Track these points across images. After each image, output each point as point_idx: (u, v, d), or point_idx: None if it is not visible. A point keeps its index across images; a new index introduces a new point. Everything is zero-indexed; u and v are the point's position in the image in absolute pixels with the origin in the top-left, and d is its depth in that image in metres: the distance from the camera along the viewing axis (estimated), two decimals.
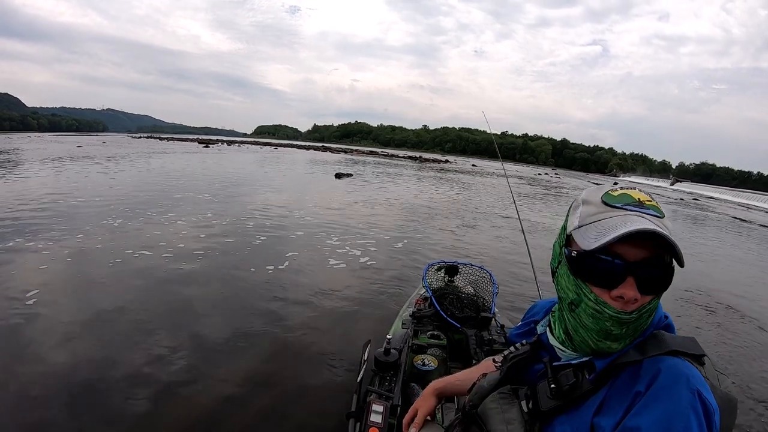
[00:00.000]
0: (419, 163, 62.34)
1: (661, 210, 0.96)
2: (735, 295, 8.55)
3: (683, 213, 29.83)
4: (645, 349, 0.94)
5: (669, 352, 0.92)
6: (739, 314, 7.28)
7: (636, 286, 0.92)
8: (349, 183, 22.75)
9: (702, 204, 44.07)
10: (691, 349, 0.94)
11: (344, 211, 13.21)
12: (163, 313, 5.12)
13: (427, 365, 2.82)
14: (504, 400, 1.14)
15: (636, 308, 0.94)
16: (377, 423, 1.96)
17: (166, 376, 3.84)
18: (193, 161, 29.81)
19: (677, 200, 45.14)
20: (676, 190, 73.22)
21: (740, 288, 9.35)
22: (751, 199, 61.81)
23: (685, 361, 0.91)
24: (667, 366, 0.89)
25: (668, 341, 0.95)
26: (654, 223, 0.91)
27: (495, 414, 1.12)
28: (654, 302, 0.96)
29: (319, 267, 7.46)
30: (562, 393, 1.00)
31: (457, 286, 3.86)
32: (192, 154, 37.95)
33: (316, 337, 4.83)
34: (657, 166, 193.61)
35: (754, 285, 10.10)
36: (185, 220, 9.94)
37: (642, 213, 0.94)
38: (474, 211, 16.45)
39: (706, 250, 14.31)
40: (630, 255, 0.92)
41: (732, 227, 24.06)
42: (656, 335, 0.97)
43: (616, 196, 0.99)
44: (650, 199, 0.98)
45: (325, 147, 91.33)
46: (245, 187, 17.14)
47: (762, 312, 7.57)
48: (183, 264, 6.86)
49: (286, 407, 3.58)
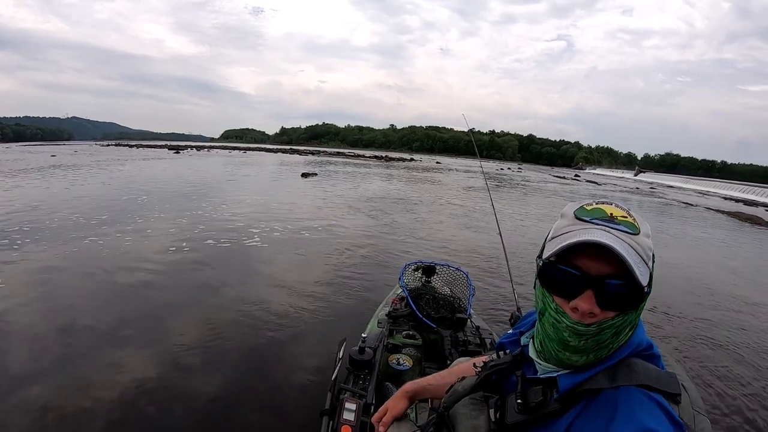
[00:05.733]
0: (385, 162, 63.11)
1: (637, 226, 0.94)
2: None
3: (634, 200, 32.91)
4: (615, 377, 0.92)
5: (639, 386, 0.90)
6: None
7: (595, 300, 0.92)
8: (317, 183, 23.23)
9: (657, 192, 46.19)
10: (666, 386, 0.91)
11: (313, 211, 13.45)
12: (134, 320, 5.11)
13: (401, 365, 2.85)
14: (474, 406, 1.15)
15: (595, 322, 0.93)
16: (350, 421, 2.00)
17: (137, 382, 3.84)
18: (169, 167, 29.67)
19: (634, 189, 47.31)
20: (638, 180, 76.34)
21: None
22: (710, 186, 64.07)
23: (651, 399, 0.88)
24: (628, 405, 0.87)
25: (640, 373, 0.92)
26: (620, 238, 0.90)
27: (464, 419, 1.14)
28: (618, 320, 0.93)
29: (291, 267, 7.55)
30: (528, 409, 1.00)
31: (433, 286, 3.84)
32: (165, 160, 37.74)
33: (291, 337, 4.90)
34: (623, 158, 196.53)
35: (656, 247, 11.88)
36: (164, 225, 10.04)
37: (608, 227, 0.93)
38: (434, 205, 17.60)
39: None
40: (592, 268, 0.92)
41: (671, 210, 26.53)
42: (630, 364, 0.95)
43: (589, 210, 0.99)
44: (626, 215, 0.97)
45: (293, 149, 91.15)
46: (220, 191, 17.25)
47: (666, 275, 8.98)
48: (155, 271, 6.88)
49: (260, 405, 3.65)
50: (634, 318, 0.96)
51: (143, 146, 70.15)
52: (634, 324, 0.97)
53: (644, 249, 0.93)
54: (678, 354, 5.33)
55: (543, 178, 52.66)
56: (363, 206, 15.49)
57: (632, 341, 0.98)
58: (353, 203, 16.15)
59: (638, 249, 0.91)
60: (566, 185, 43.48)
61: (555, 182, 47.25)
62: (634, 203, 29.78)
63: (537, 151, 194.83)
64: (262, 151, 74.09)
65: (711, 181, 74.79)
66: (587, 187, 42.83)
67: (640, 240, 0.93)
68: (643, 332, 1.01)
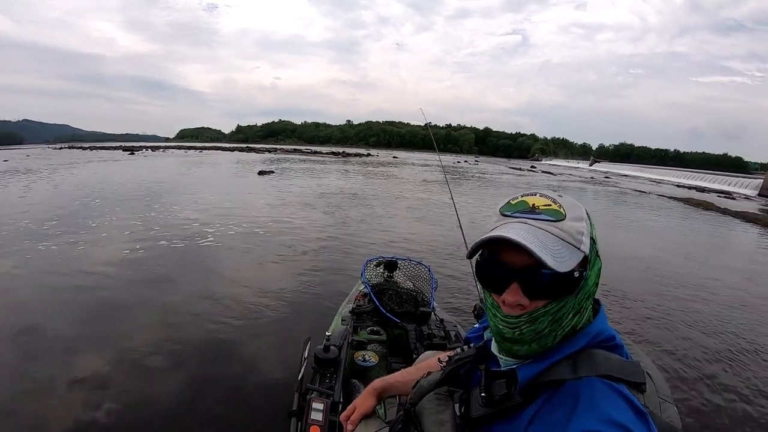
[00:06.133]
0: (342, 157, 63.07)
1: (562, 212, 0.95)
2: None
3: (590, 189, 33.97)
4: (577, 368, 0.92)
5: (601, 376, 0.89)
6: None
7: (521, 291, 0.94)
8: (274, 181, 23.14)
9: (611, 181, 47.48)
10: (629, 375, 0.91)
11: (271, 209, 13.38)
12: (89, 327, 5.00)
13: (367, 361, 2.85)
14: (440, 401, 1.15)
15: (525, 313, 0.95)
16: (318, 421, 2.00)
17: (92, 391, 3.75)
18: (123, 169, 28.86)
19: (589, 179, 48.23)
20: (593, 170, 78.20)
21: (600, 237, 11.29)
22: (664, 174, 66.27)
23: (613, 389, 0.87)
24: (589, 396, 0.86)
25: (602, 363, 0.92)
26: (538, 227, 0.93)
27: (429, 414, 1.14)
28: (552, 307, 0.94)
29: (250, 267, 7.48)
30: (493, 402, 1.00)
31: (396, 281, 3.85)
32: (120, 162, 36.58)
33: (253, 338, 4.84)
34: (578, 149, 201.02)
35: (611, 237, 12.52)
36: (117, 228, 9.86)
37: (527, 219, 0.95)
38: (392, 199, 17.83)
39: (591, 213, 16.89)
40: (516, 261, 0.93)
41: (626, 198, 27.49)
42: (591, 354, 0.94)
43: (513, 204, 1.01)
44: (550, 203, 0.97)
45: (250, 147, 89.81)
46: (176, 193, 16.75)
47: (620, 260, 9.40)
48: (110, 274, 6.75)
49: (227, 409, 3.59)
50: (574, 303, 0.96)
51: (97, 148, 68.24)
52: (578, 309, 0.97)
53: (570, 233, 0.93)
54: (635, 337, 5.48)
55: (499, 170, 53.48)
56: (321, 203, 15.46)
57: (590, 330, 0.99)
58: (311, 200, 16.10)
59: (561, 234, 0.93)
60: (522, 176, 44.06)
61: (511, 174, 47.95)
62: (589, 193, 30.56)
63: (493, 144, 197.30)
64: (219, 150, 73.08)
65: (664, 170, 77.00)
66: (542, 178, 43.55)
67: (564, 225, 0.94)
68: (604, 322, 1.02)
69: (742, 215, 21.14)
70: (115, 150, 60.88)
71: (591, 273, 0.97)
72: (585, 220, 0.97)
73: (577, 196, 24.30)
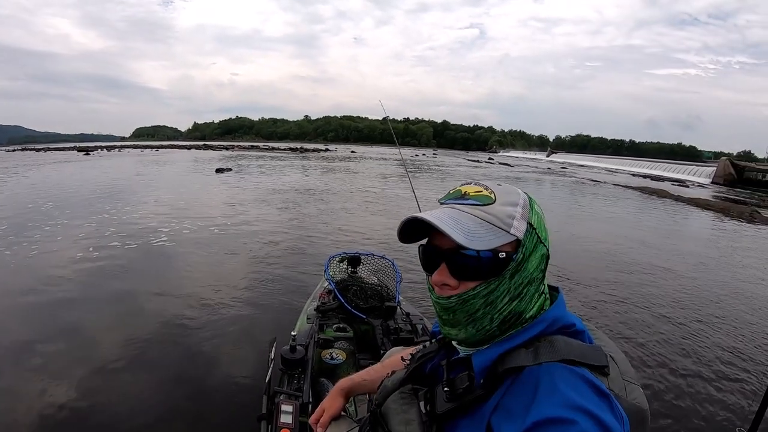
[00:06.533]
0: (300, 153, 63.11)
1: (492, 197, 0.96)
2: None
3: (547, 179, 34.87)
4: (537, 354, 0.91)
5: (562, 361, 0.88)
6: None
7: (449, 272, 0.96)
8: (231, 178, 22.98)
9: (568, 171, 48.56)
10: (591, 359, 0.91)
11: (229, 207, 13.27)
12: (44, 332, 4.85)
13: (335, 359, 2.83)
14: (404, 400, 1.14)
15: (454, 294, 0.96)
16: (288, 423, 1.98)
17: (57, 399, 3.63)
18: (78, 171, 27.92)
19: (546, 170, 49.24)
20: (550, 161, 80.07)
21: (557, 226, 11.54)
22: (619, 164, 68.41)
23: (574, 373, 0.86)
24: (550, 381, 0.85)
25: (562, 348, 0.91)
26: (463, 211, 0.95)
27: (395, 414, 1.12)
28: (481, 289, 0.95)
29: (209, 267, 7.36)
30: (456, 396, 0.99)
31: (360, 276, 3.83)
32: (74, 163, 35.44)
33: (217, 342, 4.73)
34: (536, 140, 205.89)
35: (566, 223, 12.81)
36: (71, 232, 9.57)
37: (455, 204, 0.99)
38: (351, 194, 17.93)
39: (547, 203, 18.17)
40: (443, 244, 0.96)
41: (582, 188, 28.36)
42: (552, 341, 0.93)
43: (451, 193, 1.04)
44: (481, 189, 0.99)
45: (207, 145, 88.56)
46: (131, 194, 16.30)
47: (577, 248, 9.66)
48: (63, 278, 6.57)
49: (195, 417, 3.52)
50: (509, 287, 0.96)
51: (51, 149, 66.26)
52: (516, 294, 0.97)
53: (498, 216, 0.94)
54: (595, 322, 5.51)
55: (457, 163, 54.26)
56: (280, 199, 15.38)
57: (546, 316, 0.98)
58: (270, 197, 16.00)
59: (486, 217, 0.94)
60: (479, 168, 44.82)
61: (468, 166, 48.70)
62: (546, 183, 31.25)
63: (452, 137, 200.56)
64: (175, 149, 71.91)
65: (620, 159, 79.28)
66: (499, 170, 44.39)
67: (492, 209, 0.95)
68: (562, 309, 1.01)
69: (694, 202, 21.94)
70: (70, 151, 59.17)
71: (532, 258, 0.97)
72: (520, 205, 0.97)
73: (534, 186, 25.49)
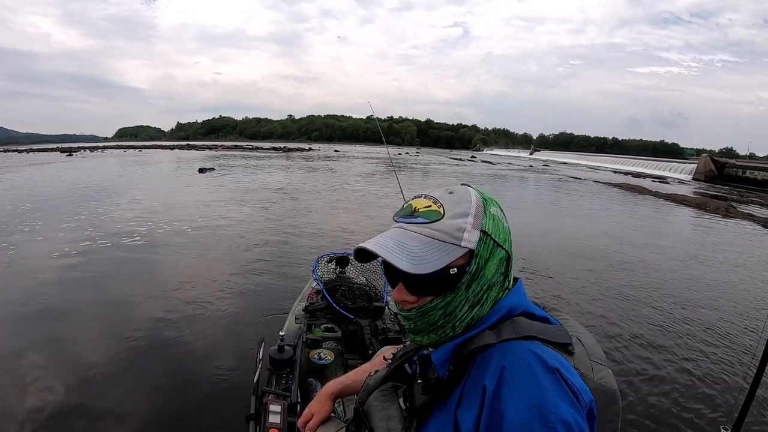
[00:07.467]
0: (284, 153, 62.93)
1: (440, 212, 0.97)
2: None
3: (529, 177, 35.48)
4: (500, 333, 0.94)
5: (524, 337, 0.91)
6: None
7: (406, 290, 1.00)
8: (215, 178, 22.85)
9: (550, 169, 48.93)
10: (554, 337, 0.94)
11: (213, 208, 13.20)
12: (24, 334, 4.82)
13: (323, 359, 2.84)
14: (385, 397, 1.18)
15: (414, 307, 1.00)
16: (276, 424, 1.99)
17: (45, 409, 3.56)
18: (60, 172, 27.28)
19: (528, 167, 49.57)
20: (533, 159, 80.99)
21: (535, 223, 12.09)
22: (602, 161, 68.75)
23: (539, 343, 0.90)
24: (516, 351, 0.88)
25: (525, 327, 0.94)
26: (410, 230, 0.97)
27: (377, 411, 1.16)
28: (439, 302, 0.97)
29: (195, 268, 7.30)
30: (430, 388, 1.03)
31: (348, 276, 3.83)
32: (56, 164, 34.45)
33: (205, 343, 4.73)
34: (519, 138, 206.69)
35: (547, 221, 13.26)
36: (51, 234, 9.41)
37: (403, 223, 1.01)
38: (336, 192, 18.07)
39: (525, 200, 19.07)
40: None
41: (564, 185, 28.83)
42: (514, 321, 0.96)
43: (404, 209, 1.04)
44: (430, 204, 0.99)
45: (190, 145, 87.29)
46: (114, 193, 16.22)
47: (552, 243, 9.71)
48: (44, 281, 6.48)
49: (183, 417, 3.51)
50: (467, 297, 0.98)
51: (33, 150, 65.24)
52: (475, 301, 0.98)
53: (447, 232, 0.95)
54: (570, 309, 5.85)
55: (440, 161, 54.61)
56: (264, 199, 15.36)
57: (503, 305, 1.00)
58: (254, 196, 15.96)
59: (434, 234, 0.95)
60: (461, 166, 45.04)
61: (451, 164, 48.94)
62: (529, 181, 31.76)
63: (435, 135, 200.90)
64: (158, 149, 70.91)
65: (603, 157, 79.85)
66: (481, 168, 44.38)
67: (440, 225, 0.96)
68: (519, 297, 1.03)
69: (672, 198, 22.34)
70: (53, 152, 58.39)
71: (489, 265, 0.98)
72: (471, 214, 0.97)
73: (516, 184, 25.96)
